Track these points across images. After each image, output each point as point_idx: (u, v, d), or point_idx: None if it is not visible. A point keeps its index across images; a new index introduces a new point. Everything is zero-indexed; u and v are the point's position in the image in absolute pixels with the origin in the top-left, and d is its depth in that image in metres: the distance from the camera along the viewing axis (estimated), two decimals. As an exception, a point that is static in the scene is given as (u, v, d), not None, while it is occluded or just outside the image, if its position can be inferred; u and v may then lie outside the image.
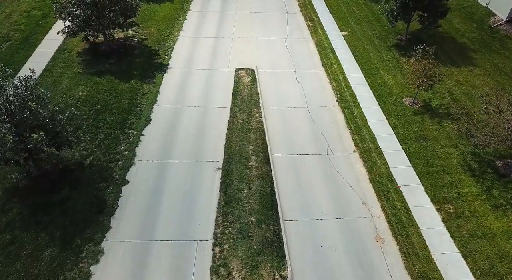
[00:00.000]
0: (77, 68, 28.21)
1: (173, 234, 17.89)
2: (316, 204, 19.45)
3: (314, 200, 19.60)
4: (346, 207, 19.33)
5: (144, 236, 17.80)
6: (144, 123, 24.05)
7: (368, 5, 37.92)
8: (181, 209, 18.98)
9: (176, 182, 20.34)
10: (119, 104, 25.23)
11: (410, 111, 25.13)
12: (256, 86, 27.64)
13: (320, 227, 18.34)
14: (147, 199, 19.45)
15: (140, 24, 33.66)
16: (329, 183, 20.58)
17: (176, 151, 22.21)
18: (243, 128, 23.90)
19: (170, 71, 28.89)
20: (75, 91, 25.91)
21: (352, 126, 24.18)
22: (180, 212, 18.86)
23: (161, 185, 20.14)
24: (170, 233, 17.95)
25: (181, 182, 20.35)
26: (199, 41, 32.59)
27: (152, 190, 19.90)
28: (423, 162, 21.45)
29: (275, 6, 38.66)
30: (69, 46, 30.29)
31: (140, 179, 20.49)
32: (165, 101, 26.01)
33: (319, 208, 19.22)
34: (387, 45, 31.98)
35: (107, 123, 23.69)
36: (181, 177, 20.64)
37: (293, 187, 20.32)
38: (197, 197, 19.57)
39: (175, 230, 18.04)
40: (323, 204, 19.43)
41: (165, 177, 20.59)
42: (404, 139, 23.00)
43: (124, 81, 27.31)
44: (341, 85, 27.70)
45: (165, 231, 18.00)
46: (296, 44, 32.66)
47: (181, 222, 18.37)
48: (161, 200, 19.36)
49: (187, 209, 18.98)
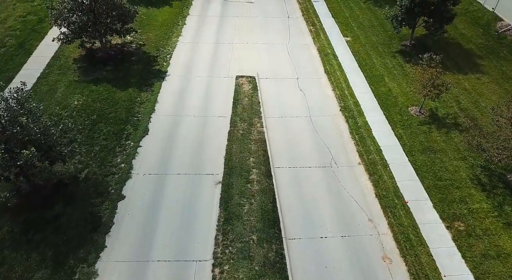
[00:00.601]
0: (73, 76, 27.43)
1: (171, 254, 17.05)
2: (320, 220, 18.65)
3: (318, 217, 18.80)
4: (351, 224, 18.53)
5: (140, 256, 16.98)
6: (141, 133, 23.25)
7: (371, 9, 37.16)
8: (180, 226, 18.18)
9: (174, 197, 19.54)
10: (116, 114, 24.44)
11: (416, 121, 24.33)
12: (257, 94, 26.85)
13: (324, 246, 17.53)
14: (144, 215, 18.65)
15: (138, 29, 32.86)
16: (334, 198, 19.79)
17: (174, 164, 21.42)
18: (243, 139, 23.11)
19: (169, 79, 28.12)
20: (71, 100, 25.12)
21: (357, 136, 23.40)
22: (178, 229, 18.05)
23: (158, 200, 19.35)
24: (167, 252, 17.12)
25: (180, 197, 19.55)
26: (198, 47, 31.81)
27: (149, 206, 19.10)
28: (431, 175, 20.66)
29: (276, 10, 37.89)
30: (65, 53, 29.50)
31: (137, 194, 19.69)
32: (163, 111, 25.21)
33: (323, 225, 18.42)
34: (391, 51, 31.19)
35: (103, 134, 22.90)
36: (180, 191, 19.84)
37: (296, 202, 19.52)
38: (196, 213, 18.78)
39: (173, 250, 17.22)
40: (328, 221, 18.64)
41: (162, 192, 19.80)
42: (411, 150, 22.21)
43: (121, 89, 26.54)
44: (344, 93, 26.91)
45: (162, 251, 17.17)
46: (297, 50, 31.88)
47: (179, 241, 17.55)
48: (158, 217, 18.56)
49: (185, 226, 18.17)
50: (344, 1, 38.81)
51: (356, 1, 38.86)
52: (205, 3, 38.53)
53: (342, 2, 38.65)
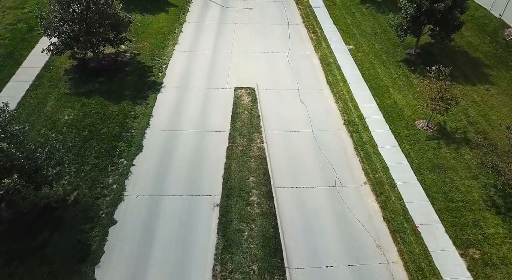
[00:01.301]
0: (64, 88, 26.19)
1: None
2: (325, 248, 17.44)
3: (323, 243, 17.59)
4: (358, 251, 17.35)
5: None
6: (135, 151, 22.04)
7: (374, 16, 36.05)
8: (175, 255, 16.94)
9: (169, 222, 18.30)
10: (108, 129, 23.22)
11: (424, 135, 23.19)
12: (256, 107, 25.67)
13: (330, 277, 16.30)
14: (137, 243, 17.39)
15: (133, 37, 31.69)
16: (339, 221, 18.60)
17: (169, 184, 20.19)
18: (243, 156, 21.93)
19: (165, 90, 26.91)
20: (61, 115, 23.87)
21: (362, 153, 22.23)
22: (173, 259, 16.80)
23: (152, 226, 18.12)
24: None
25: (175, 222, 18.30)
26: (195, 56, 30.62)
27: (142, 232, 17.85)
28: (441, 196, 19.51)
29: (276, 16, 36.75)
30: (56, 63, 28.24)
31: (129, 219, 18.44)
32: (158, 125, 23.99)
33: (328, 253, 17.22)
34: (395, 60, 30.05)
35: (94, 151, 21.68)
36: (175, 215, 18.60)
37: (299, 227, 18.32)
38: (192, 240, 17.54)
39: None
40: (333, 248, 17.44)
41: (157, 216, 18.57)
42: (419, 168, 21.06)
43: (115, 102, 25.32)
44: (348, 106, 25.75)
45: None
46: (298, 59, 30.72)
47: (175, 272, 16.28)
48: (152, 245, 17.32)
49: (181, 255, 16.94)
50: (346, 7, 37.72)
51: (358, 6, 37.76)
52: (202, 9, 37.39)
53: (343, 8, 37.55)
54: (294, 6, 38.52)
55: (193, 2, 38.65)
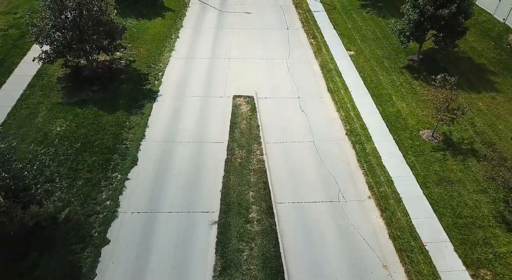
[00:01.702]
0: (56, 97, 25.32)
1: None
2: (328, 267, 16.59)
3: (327, 263, 16.74)
4: (364, 271, 16.52)
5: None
6: (130, 164, 21.18)
7: (375, 20, 35.30)
8: (171, 277, 16.08)
9: (165, 241, 17.43)
10: (102, 141, 22.36)
11: (429, 146, 22.43)
12: (256, 116, 24.85)
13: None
14: (131, 264, 16.51)
15: (128, 44, 30.88)
16: (343, 239, 17.78)
17: (165, 200, 19.34)
18: (242, 169, 21.11)
19: (161, 99, 26.07)
20: (53, 126, 23.00)
21: (365, 165, 21.45)
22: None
23: (147, 246, 17.26)
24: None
25: (171, 241, 17.43)
26: (192, 63, 29.79)
27: (136, 252, 16.97)
28: (449, 211, 18.73)
29: (275, 21, 35.95)
30: (48, 71, 27.35)
31: (123, 237, 17.57)
32: (154, 136, 23.15)
33: (332, 273, 16.36)
34: (398, 66, 29.29)
35: (87, 165, 20.82)
36: (171, 234, 17.73)
37: (301, 246, 17.48)
38: (189, 261, 16.69)
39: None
40: (337, 268, 16.60)
41: (152, 235, 17.72)
42: (425, 182, 20.29)
43: (109, 112, 24.46)
44: (350, 115, 24.97)
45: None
46: (298, 66, 29.93)
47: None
48: (147, 266, 16.46)
49: (177, 277, 16.09)
50: (346, 11, 36.97)
51: (358, 11, 37.03)
52: (200, 14, 36.57)
53: (343, 12, 36.80)
54: (293, 10, 37.75)
55: (190, 6, 37.88)
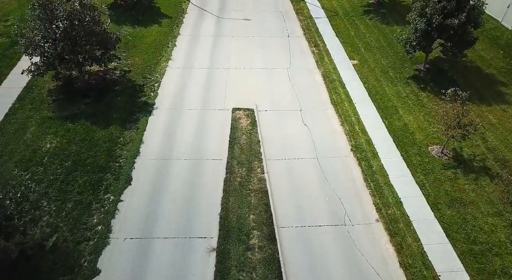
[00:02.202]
0: (47, 111, 24.13)
1: None
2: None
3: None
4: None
5: None
6: (123, 184, 19.99)
7: (378, 27, 34.22)
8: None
9: (160, 271, 16.24)
10: (94, 159, 21.19)
11: (439, 164, 21.31)
12: (256, 131, 23.70)
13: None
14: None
15: (123, 53, 29.73)
16: (350, 268, 16.58)
17: (161, 224, 18.14)
18: (242, 189, 19.95)
19: (157, 112, 24.89)
20: (42, 143, 21.82)
21: (372, 184, 20.32)
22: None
23: (141, 276, 16.06)
24: None
25: (167, 271, 16.17)
26: (190, 73, 28.63)
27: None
28: (463, 237, 17.59)
29: (275, 28, 34.81)
30: (39, 83, 26.12)
31: (115, 267, 16.32)
32: (149, 153, 21.98)
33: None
34: (403, 76, 28.19)
35: (78, 185, 19.62)
36: (167, 262, 16.50)
37: (305, 274, 16.27)
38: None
39: None
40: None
41: (146, 263, 16.52)
42: (436, 203, 19.16)
43: (102, 127, 23.28)
44: (354, 129, 23.84)
45: None
46: (300, 76, 28.80)
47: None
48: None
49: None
50: (348, 18, 35.89)
51: (361, 17, 35.94)
52: (197, 21, 35.44)
53: (346, 19, 35.71)
54: (294, 17, 36.64)
55: (188, 13, 36.75)
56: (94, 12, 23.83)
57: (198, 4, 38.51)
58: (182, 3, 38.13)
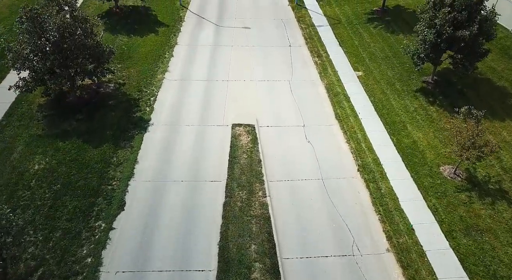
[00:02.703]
0: (36, 128, 22.86)
1: None
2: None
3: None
4: None
5: None
6: (115, 209, 18.71)
7: (383, 36, 32.98)
8: None
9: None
10: (85, 181, 19.91)
11: (452, 186, 20.06)
12: (257, 149, 22.45)
13: None
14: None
15: (118, 64, 28.50)
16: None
17: (155, 255, 16.80)
18: (242, 215, 18.67)
19: (152, 129, 23.63)
20: (30, 164, 20.53)
21: (381, 209, 19.07)
22: None
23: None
24: None
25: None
26: (187, 86, 27.37)
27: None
28: (481, 270, 16.32)
29: (276, 37, 33.50)
30: (28, 97, 24.82)
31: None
32: (144, 174, 20.69)
33: None
34: (411, 89, 26.96)
35: (67, 211, 18.33)
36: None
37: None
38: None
39: None
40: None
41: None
42: (450, 230, 17.90)
43: (94, 145, 22.01)
44: (361, 147, 22.60)
45: None
46: (302, 88, 27.54)
47: None
48: None
49: None
50: (352, 26, 34.67)
51: (365, 25, 34.70)
52: (195, 30, 34.16)
53: (349, 27, 34.48)
54: (296, 25, 35.37)
55: (185, 21, 35.47)
56: (86, 24, 22.61)
57: (196, 11, 37.28)
58: (180, 10, 36.90)
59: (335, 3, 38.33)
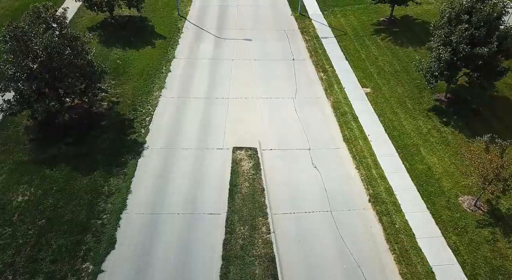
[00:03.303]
0: (21, 154, 21.22)
1: None
2: None
3: None
4: None
5: None
6: (105, 248, 17.02)
7: (391, 49, 31.33)
8: None
9: None
10: (73, 215, 18.25)
11: (473, 220, 18.39)
12: (260, 176, 20.79)
13: None
14: None
15: (112, 80, 26.94)
16: None
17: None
18: (244, 255, 16.98)
19: (147, 153, 21.99)
20: (13, 195, 18.85)
21: (396, 247, 17.39)
22: None
23: None
24: None
25: None
26: (185, 104, 25.74)
27: None
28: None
29: (279, 50, 31.80)
30: (15, 118, 23.21)
31: None
32: (137, 206, 19.02)
33: None
34: (423, 108, 25.34)
35: (52, 251, 16.65)
36: None
37: None
38: None
39: None
40: None
41: None
42: (475, 274, 16.18)
43: (84, 173, 20.34)
44: (371, 174, 20.94)
45: None
46: (307, 107, 25.87)
47: None
48: None
49: None
50: (358, 38, 33.04)
51: (372, 37, 33.06)
52: (194, 42, 32.48)
53: (355, 39, 32.85)
54: (299, 37, 33.70)
55: (184, 32, 33.86)
56: (76, 42, 20.99)
57: (195, 21, 35.68)
58: (178, 21, 35.31)
59: (340, 13, 36.75)
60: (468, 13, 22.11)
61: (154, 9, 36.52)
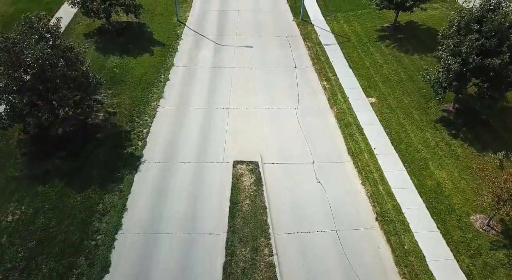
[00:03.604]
0: (13, 169, 20.34)
1: None
2: None
3: None
4: None
5: None
6: (99, 272, 16.12)
7: (396, 57, 30.43)
8: None
9: None
10: (65, 235, 17.38)
11: (486, 241, 17.49)
12: (262, 192, 19.91)
13: None
14: None
15: (109, 89, 26.06)
16: None
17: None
18: (245, 279, 16.18)
19: (144, 168, 21.11)
20: (3, 215, 17.91)
21: (406, 271, 16.48)
22: None
23: None
24: None
25: None
26: (184, 115, 24.86)
27: None
28: None
29: (280, 57, 30.84)
30: (7, 131, 22.44)
31: None
32: (133, 226, 18.12)
33: None
34: (430, 119, 24.46)
35: (42, 276, 15.73)
36: None
37: None
38: None
39: None
40: None
41: None
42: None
43: (78, 189, 19.47)
44: (378, 190, 20.07)
45: None
46: (310, 118, 24.98)
47: None
48: None
49: None
50: (362, 45, 32.13)
51: (376, 44, 32.11)
52: (193, 49, 31.53)
53: (359, 46, 31.93)
54: (301, 43, 32.80)
55: (183, 38, 32.93)
56: (70, 53, 20.13)
57: (194, 27, 34.75)
58: (177, 27, 34.41)
59: (343, 18, 35.85)
60: (479, 22, 21.27)
61: (152, 15, 35.62)
